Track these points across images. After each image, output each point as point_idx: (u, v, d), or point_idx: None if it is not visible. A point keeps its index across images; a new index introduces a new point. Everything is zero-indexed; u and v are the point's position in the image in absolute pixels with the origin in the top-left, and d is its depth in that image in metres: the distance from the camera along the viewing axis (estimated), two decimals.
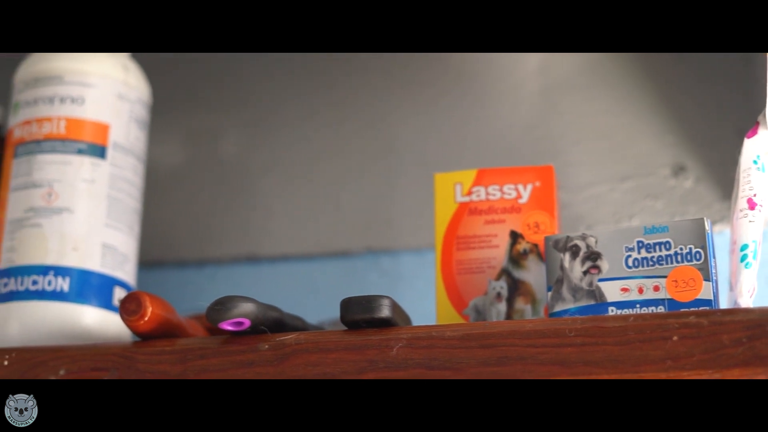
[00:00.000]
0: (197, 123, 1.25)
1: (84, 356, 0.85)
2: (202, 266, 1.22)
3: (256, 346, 0.81)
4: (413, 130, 1.20)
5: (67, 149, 0.97)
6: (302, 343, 0.80)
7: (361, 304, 0.81)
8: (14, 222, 0.96)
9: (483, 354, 0.77)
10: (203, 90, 1.27)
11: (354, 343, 0.80)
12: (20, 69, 1.02)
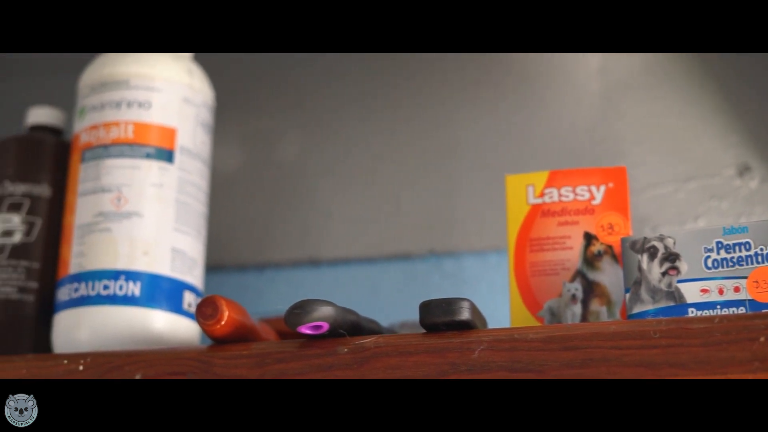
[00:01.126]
0: (255, 126, 1.25)
1: (160, 360, 0.85)
2: (262, 270, 1.22)
3: (335, 349, 0.81)
4: (474, 131, 1.20)
5: (136, 153, 0.97)
6: (382, 346, 0.80)
7: (441, 306, 0.80)
8: (83, 227, 0.96)
9: (566, 356, 0.76)
10: (261, 93, 1.26)
11: (435, 346, 0.79)
12: (85, 74, 1.02)
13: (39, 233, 1.00)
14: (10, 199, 1.01)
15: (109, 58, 1.01)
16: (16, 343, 0.98)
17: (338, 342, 0.81)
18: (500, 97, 1.20)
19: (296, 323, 0.80)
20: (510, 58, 1.20)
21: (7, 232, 1.00)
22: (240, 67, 1.22)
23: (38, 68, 1.33)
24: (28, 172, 1.02)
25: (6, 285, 0.99)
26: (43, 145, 1.04)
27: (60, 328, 0.95)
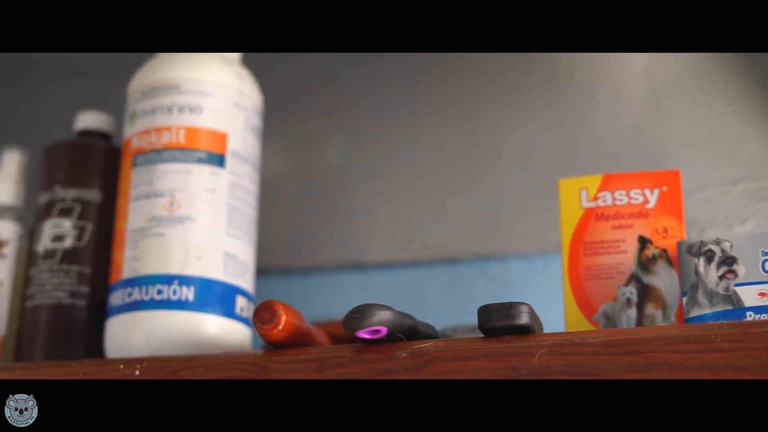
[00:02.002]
0: (299, 129, 1.25)
1: (217, 365, 0.85)
2: (307, 274, 1.22)
3: (393, 354, 0.81)
4: (519, 135, 1.20)
5: (188, 158, 0.97)
6: (441, 350, 0.80)
7: (501, 310, 0.80)
8: (136, 231, 0.96)
9: (627, 360, 0.76)
10: (305, 96, 1.27)
11: (494, 350, 0.79)
12: (135, 78, 1.03)
13: (90, 238, 1.01)
14: (61, 203, 1.02)
15: (159, 63, 1.01)
16: (69, 348, 0.98)
17: (397, 346, 0.81)
18: (545, 101, 1.20)
19: (355, 328, 0.80)
20: (554, 62, 1.20)
21: (58, 237, 1.01)
22: (283, 71, 1.22)
23: (84, 73, 1.33)
24: (78, 176, 1.02)
25: (58, 290, 0.99)
26: (92, 149, 1.04)
27: (113, 332, 0.96)
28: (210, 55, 1.01)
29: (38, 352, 0.98)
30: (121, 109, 1.07)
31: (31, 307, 1.00)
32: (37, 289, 1.00)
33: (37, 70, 1.35)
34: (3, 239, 1.04)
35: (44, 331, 0.99)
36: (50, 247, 1.01)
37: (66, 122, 1.21)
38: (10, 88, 1.37)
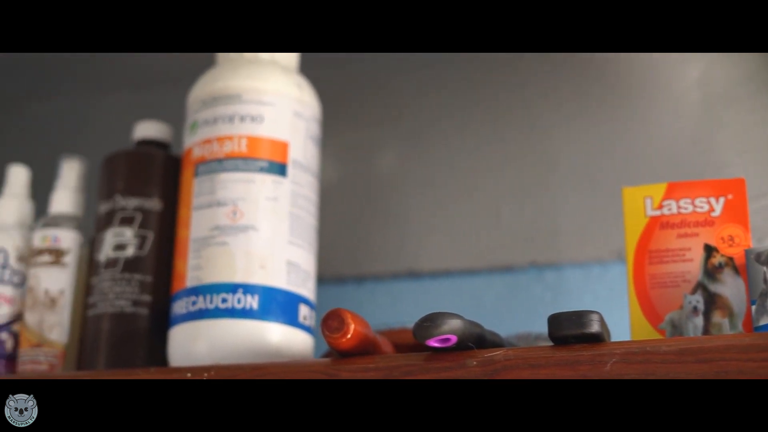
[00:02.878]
0: (353, 137, 1.25)
1: (285, 373, 0.85)
2: (362, 282, 1.22)
3: (463, 362, 0.81)
4: (575, 143, 1.19)
5: (250, 167, 0.98)
6: (512, 359, 0.80)
7: (572, 319, 0.80)
8: (199, 240, 0.97)
9: (700, 368, 0.76)
10: (358, 104, 1.27)
11: (565, 358, 0.79)
12: (195, 88, 1.03)
13: (151, 247, 1.01)
14: (122, 213, 1.02)
15: (220, 73, 1.02)
16: (131, 357, 0.99)
17: (467, 355, 0.81)
18: (600, 110, 1.20)
19: (425, 336, 0.80)
20: (611, 71, 1.20)
21: (119, 246, 1.01)
22: (337, 80, 1.22)
23: (139, 82, 1.34)
24: (139, 186, 1.03)
25: (120, 298, 1.00)
26: (152, 159, 1.05)
27: (177, 341, 0.96)
28: (270, 65, 1.02)
29: (101, 361, 0.99)
30: (176, 118, 1.08)
31: (93, 316, 1.01)
32: (99, 298, 1.00)
33: (91, 80, 1.35)
34: (64, 248, 1.05)
35: (107, 339, 0.99)
36: (112, 256, 1.01)
37: (121, 131, 1.22)
38: (66, 98, 1.38)
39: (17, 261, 1.06)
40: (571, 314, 0.80)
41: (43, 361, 1.02)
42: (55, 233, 1.05)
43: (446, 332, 0.80)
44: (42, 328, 1.03)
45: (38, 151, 1.29)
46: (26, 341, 1.03)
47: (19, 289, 1.06)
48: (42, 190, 1.13)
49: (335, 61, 1.22)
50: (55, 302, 1.03)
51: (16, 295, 1.06)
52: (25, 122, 1.39)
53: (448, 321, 0.80)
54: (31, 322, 1.03)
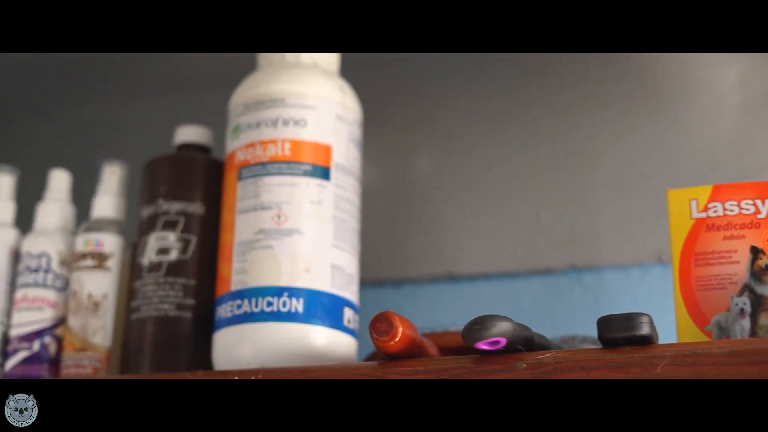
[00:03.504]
0: (389, 141, 1.25)
1: (333, 376, 0.85)
2: (400, 285, 1.23)
3: (513, 365, 0.81)
4: (614, 146, 1.19)
5: (293, 171, 0.98)
6: (561, 361, 0.80)
7: (621, 321, 0.80)
8: (244, 244, 0.97)
9: (752, 370, 0.76)
10: (394, 108, 1.27)
11: (616, 361, 0.79)
12: (237, 93, 1.03)
13: (194, 250, 1.01)
14: (165, 217, 1.02)
15: (262, 77, 1.02)
16: (175, 360, 0.99)
17: (516, 357, 0.81)
18: (639, 112, 1.20)
19: (475, 339, 0.81)
20: (649, 73, 1.20)
21: (163, 250, 1.01)
22: (374, 84, 1.23)
23: (178, 87, 1.34)
24: (181, 190, 1.03)
25: (164, 302, 1.00)
26: (194, 163, 1.05)
27: (222, 344, 0.96)
28: (312, 69, 1.02)
29: (144, 365, 0.99)
30: (214, 122, 1.08)
31: (137, 320, 1.01)
32: (142, 302, 1.01)
33: (129, 85, 1.36)
34: (107, 252, 1.05)
35: (151, 343, 0.99)
36: (155, 260, 1.01)
37: (158, 136, 1.22)
38: (105, 103, 1.39)
39: (60, 265, 1.07)
40: (621, 316, 0.80)
41: (87, 365, 1.02)
42: (98, 237, 1.06)
43: (496, 335, 0.80)
44: (86, 332, 1.03)
45: (78, 155, 1.30)
46: (70, 345, 1.03)
47: (61, 293, 1.06)
48: (82, 195, 1.13)
49: (372, 65, 1.22)
50: (98, 306, 1.04)
51: (58, 300, 1.06)
52: (66, 127, 1.40)
53: (498, 324, 0.80)
54: (74, 326, 1.04)
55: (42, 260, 1.06)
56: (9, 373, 1.04)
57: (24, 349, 1.04)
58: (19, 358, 1.04)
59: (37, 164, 1.21)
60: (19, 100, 1.37)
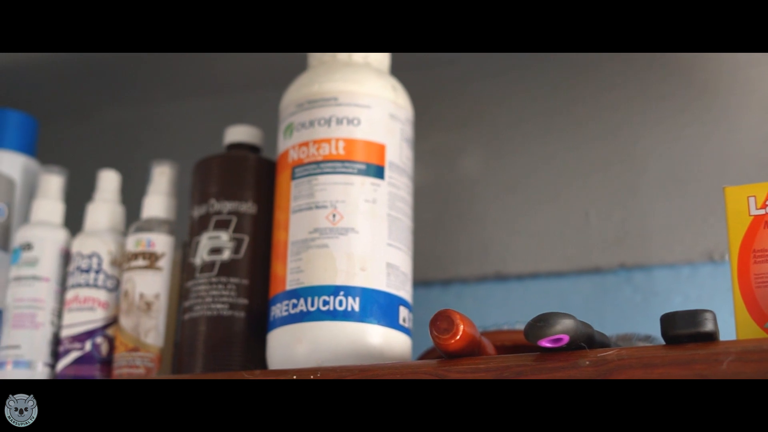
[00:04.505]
0: (436, 141, 1.25)
1: (395, 374, 0.85)
2: (448, 285, 1.22)
3: (576, 362, 0.80)
4: (662, 144, 1.19)
5: (348, 170, 0.98)
6: (625, 358, 0.79)
7: (686, 318, 0.79)
8: (299, 243, 0.97)
9: None
10: (441, 108, 1.27)
11: (680, 357, 0.78)
12: (289, 92, 1.03)
13: (246, 250, 1.01)
14: (217, 216, 1.02)
15: (314, 76, 1.02)
16: (228, 360, 0.99)
17: (579, 354, 0.81)
18: (685, 110, 1.19)
19: (538, 336, 0.80)
20: (695, 72, 1.19)
21: (215, 250, 1.01)
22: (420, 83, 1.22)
23: (224, 88, 1.34)
24: (233, 190, 1.03)
25: (217, 302, 1.00)
26: (246, 162, 1.05)
27: (277, 343, 0.96)
28: (364, 68, 1.02)
29: (198, 365, 0.99)
30: (258, 122, 1.08)
31: (190, 320, 1.01)
32: (195, 302, 1.01)
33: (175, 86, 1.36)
34: (158, 252, 1.05)
35: (204, 343, 0.99)
36: (208, 260, 1.01)
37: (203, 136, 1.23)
38: (152, 104, 1.39)
39: (110, 265, 1.07)
40: (685, 313, 0.80)
41: (139, 365, 1.02)
42: (150, 237, 1.06)
43: (559, 332, 0.80)
44: (138, 332, 1.03)
45: (125, 156, 1.30)
46: (122, 345, 1.03)
47: (112, 293, 1.06)
48: (129, 196, 1.13)
49: (419, 65, 1.22)
50: (150, 306, 1.04)
51: (109, 300, 1.06)
52: (112, 128, 1.40)
53: (562, 321, 0.80)
54: (126, 327, 1.04)
55: (93, 260, 1.07)
56: (61, 373, 1.04)
57: (76, 350, 1.04)
58: (70, 358, 1.04)
59: (86, 165, 1.21)
60: (68, 101, 1.37)
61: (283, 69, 1.13)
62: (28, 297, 1.06)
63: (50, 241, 1.08)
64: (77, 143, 1.38)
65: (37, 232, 1.08)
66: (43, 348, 1.05)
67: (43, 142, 1.19)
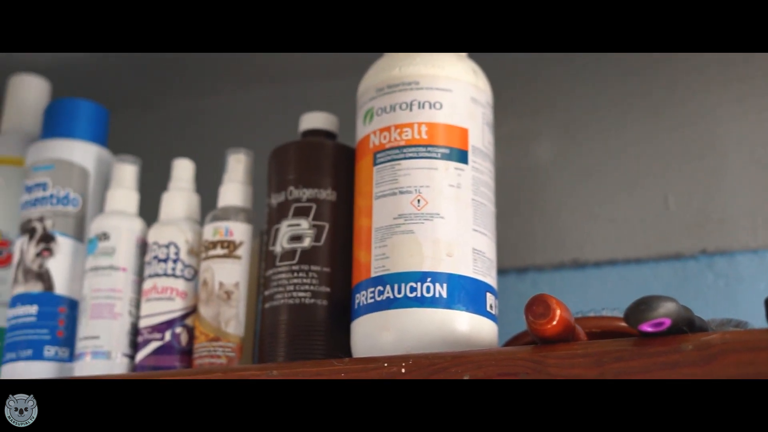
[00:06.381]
0: (509, 128, 1.23)
1: (489, 361, 0.84)
2: (523, 273, 1.21)
3: (678, 346, 0.79)
4: (741, 127, 1.17)
5: (431, 154, 0.96)
6: (729, 342, 0.77)
7: None
8: (383, 229, 0.95)
9: None
10: (514, 95, 1.25)
11: None
12: (368, 76, 1.02)
13: (326, 237, 1.00)
14: (296, 204, 1.01)
15: (394, 61, 1.01)
16: (311, 348, 0.97)
17: (681, 339, 0.79)
18: (765, 92, 1.17)
19: (640, 320, 0.79)
20: None
21: (296, 237, 1.00)
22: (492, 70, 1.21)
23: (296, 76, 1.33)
24: (312, 177, 1.02)
25: (299, 290, 0.99)
26: (324, 149, 1.04)
27: (362, 331, 0.95)
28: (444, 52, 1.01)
29: (280, 353, 0.98)
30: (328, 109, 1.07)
31: (271, 308, 1.00)
32: (276, 290, 0.99)
33: (247, 75, 1.35)
34: (237, 241, 1.04)
35: (287, 331, 0.98)
36: (288, 248, 1.00)
37: (274, 124, 1.22)
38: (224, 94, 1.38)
39: (188, 254, 1.06)
40: None
41: (221, 355, 1.01)
42: (228, 226, 1.05)
43: (662, 315, 0.78)
44: (219, 321, 1.02)
45: (192, 145, 1.29)
46: (202, 335, 1.02)
47: (190, 282, 1.05)
48: (201, 185, 1.12)
49: None
50: (230, 295, 1.03)
51: (188, 289, 1.05)
52: (182, 117, 1.39)
53: (664, 304, 0.78)
54: (206, 316, 1.03)
55: (170, 249, 1.06)
56: (140, 363, 1.03)
57: (155, 340, 1.03)
58: (150, 348, 1.03)
59: (155, 155, 1.20)
60: (137, 90, 1.37)
61: (351, 57, 1.12)
62: (106, 287, 1.05)
63: (126, 230, 1.07)
64: (147, 133, 1.37)
65: (113, 221, 1.08)
66: (121, 338, 1.04)
67: (113, 132, 1.18)
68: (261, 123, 1.34)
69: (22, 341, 1.06)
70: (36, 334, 1.06)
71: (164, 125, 1.39)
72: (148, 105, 1.39)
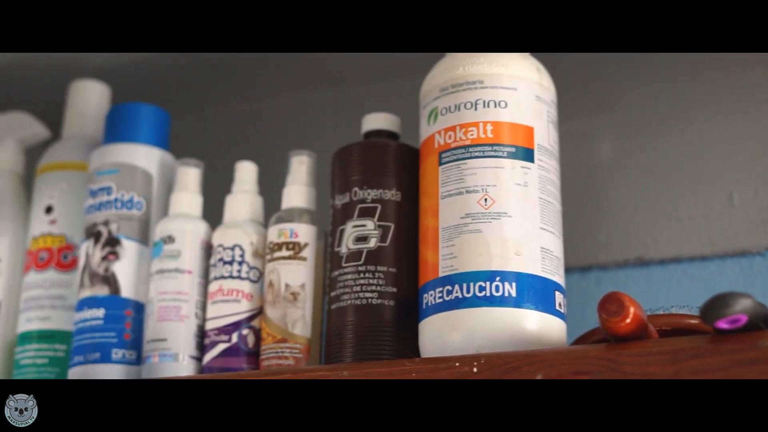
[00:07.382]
0: (572, 126, 1.22)
1: (562, 360, 0.83)
2: (587, 272, 1.20)
3: (756, 343, 0.78)
4: None
5: (497, 153, 0.96)
6: None
7: None
8: (451, 229, 0.95)
9: None
10: (575, 93, 1.24)
11: None
12: (431, 76, 1.02)
13: (392, 237, 1.00)
14: (361, 204, 1.01)
15: (457, 60, 1.00)
16: (378, 349, 0.97)
17: (758, 336, 0.78)
18: None
19: (716, 317, 0.78)
20: None
21: (361, 238, 1.00)
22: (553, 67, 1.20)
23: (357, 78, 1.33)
24: (376, 177, 1.02)
25: (366, 291, 0.98)
26: (388, 149, 1.04)
27: (430, 331, 0.94)
28: None
29: (347, 354, 0.98)
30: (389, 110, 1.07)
31: (338, 309, 1.00)
32: (343, 291, 0.99)
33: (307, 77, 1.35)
34: (302, 242, 1.04)
35: (354, 332, 0.98)
36: (354, 249, 1.00)
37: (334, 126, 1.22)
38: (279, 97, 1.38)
39: (253, 256, 1.06)
40: None
41: (288, 356, 1.01)
42: (293, 227, 1.05)
43: (738, 312, 0.78)
44: (285, 322, 1.02)
45: (251, 148, 1.30)
46: (269, 337, 1.02)
47: (255, 284, 1.06)
48: (263, 187, 1.12)
49: None
50: (296, 297, 1.03)
51: (253, 291, 1.05)
52: (241, 120, 1.40)
53: (740, 300, 0.78)
54: (273, 317, 1.03)
55: (235, 252, 1.06)
56: (207, 365, 1.03)
57: (222, 342, 1.03)
58: (217, 350, 1.03)
59: (216, 158, 1.21)
60: (197, 94, 1.37)
61: (412, 58, 1.12)
62: (173, 290, 1.06)
63: (191, 233, 1.08)
64: (208, 136, 1.38)
65: (178, 224, 1.08)
66: (189, 341, 1.05)
67: (174, 135, 1.19)
68: (322, 125, 1.34)
69: (90, 344, 1.06)
70: (103, 337, 1.06)
71: (225, 128, 1.39)
72: (207, 108, 1.39)
